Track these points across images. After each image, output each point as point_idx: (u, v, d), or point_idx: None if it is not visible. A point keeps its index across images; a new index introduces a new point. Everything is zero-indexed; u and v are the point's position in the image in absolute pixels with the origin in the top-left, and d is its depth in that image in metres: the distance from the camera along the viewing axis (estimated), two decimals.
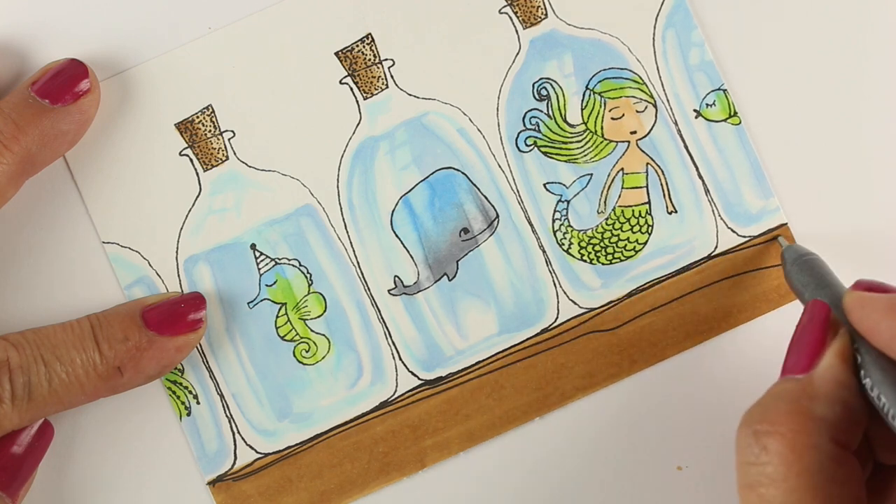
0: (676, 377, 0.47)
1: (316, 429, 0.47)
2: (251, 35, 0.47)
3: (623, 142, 0.48)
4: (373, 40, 0.47)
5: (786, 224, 0.48)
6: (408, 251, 0.47)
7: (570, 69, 0.48)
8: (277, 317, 0.47)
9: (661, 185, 0.48)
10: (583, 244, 0.48)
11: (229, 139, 0.47)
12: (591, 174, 0.48)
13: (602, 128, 0.48)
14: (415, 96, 0.48)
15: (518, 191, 0.48)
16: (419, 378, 0.47)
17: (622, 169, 0.48)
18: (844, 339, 0.39)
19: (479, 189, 0.48)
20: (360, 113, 0.48)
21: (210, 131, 0.47)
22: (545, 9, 0.48)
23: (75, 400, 0.44)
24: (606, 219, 0.48)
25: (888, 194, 0.48)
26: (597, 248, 0.48)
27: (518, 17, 0.48)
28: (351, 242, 0.47)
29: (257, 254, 0.47)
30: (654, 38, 0.48)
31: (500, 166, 0.48)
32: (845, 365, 0.38)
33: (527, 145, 0.48)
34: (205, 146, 0.47)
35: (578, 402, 0.47)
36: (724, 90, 0.48)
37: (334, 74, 0.47)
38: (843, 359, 0.38)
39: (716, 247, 0.48)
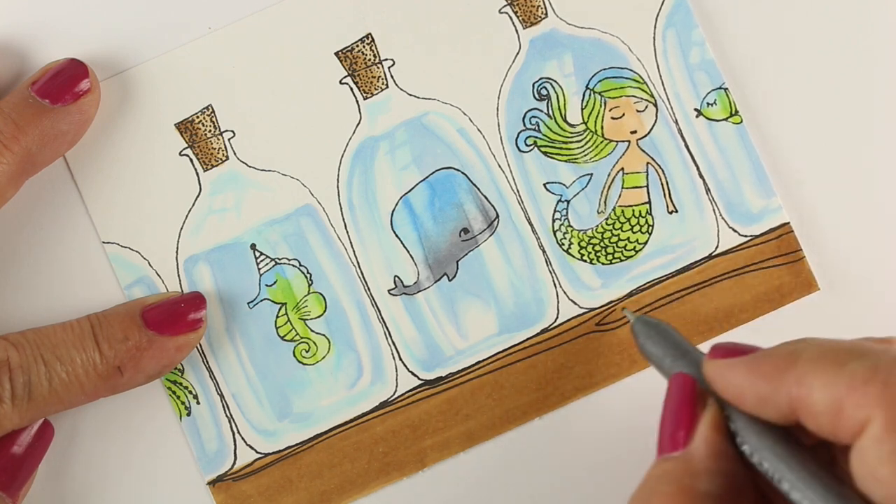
0: None
1: (316, 429, 0.47)
2: (251, 35, 0.47)
3: (623, 141, 0.48)
4: (373, 40, 0.47)
5: (787, 223, 0.48)
6: (408, 251, 0.47)
7: (570, 69, 0.48)
8: (277, 317, 0.47)
9: (662, 184, 0.48)
10: (583, 244, 0.48)
11: (229, 139, 0.47)
12: (591, 174, 0.48)
13: (602, 127, 0.48)
14: (415, 96, 0.48)
15: (518, 191, 0.48)
16: (419, 378, 0.47)
17: (622, 169, 0.48)
18: (714, 409, 0.38)
19: (479, 189, 0.48)
20: (360, 113, 0.48)
21: (210, 131, 0.47)
22: (545, 8, 0.48)
23: (75, 400, 0.44)
24: (606, 219, 0.48)
25: (890, 193, 0.48)
26: (597, 248, 0.47)
27: (518, 17, 0.48)
28: (351, 242, 0.47)
29: (257, 254, 0.47)
30: (654, 38, 0.48)
31: (500, 166, 0.48)
32: (720, 435, 0.37)
33: (527, 145, 0.48)
34: (205, 146, 0.47)
35: (578, 402, 0.47)
36: (725, 89, 0.48)
37: (334, 74, 0.47)
38: (717, 429, 0.37)
39: (717, 247, 0.48)
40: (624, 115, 0.48)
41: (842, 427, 0.34)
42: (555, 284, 0.47)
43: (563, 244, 0.47)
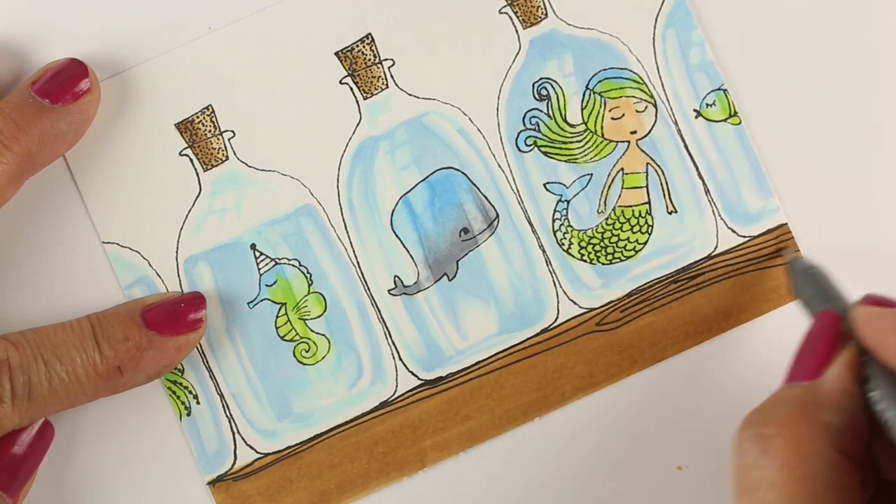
0: (676, 377, 0.47)
1: (316, 429, 0.47)
2: (251, 35, 0.47)
3: (623, 142, 0.48)
4: (373, 40, 0.47)
5: (786, 224, 0.48)
6: (408, 251, 0.47)
7: (570, 69, 0.48)
8: (277, 317, 0.47)
9: (661, 185, 0.48)
10: (583, 244, 0.48)
11: (229, 139, 0.47)
12: (591, 174, 0.48)
13: (602, 128, 0.48)
14: (415, 96, 0.48)
15: (518, 191, 0.48)
16: (419, 378, 0.47)
17: (622, 169, 0.48)
18: (853, 351, 0.39)
19: (479, 189, 0.48)
20: (360, 113, 0.48)
21: (210, 131, 0.47)
22: (545, 9, 0.48)
23: (75, 400, 0.44)
24: (606, 219, 0.48)
25: (888, 194, 0.48)
26: (597, 248, 0.48)
27: (518, 17, 0.48)
28: (351, 242, 0.47)
29: (257, 254, 0.47)
30: (654, 38, 0.48)
31: (500, 166, 0.48)
32: (852, 375, 0.38)
33: (527, 145, 0.48)
34: (205, 146, 0.47)
35: (578, 402, 0.47)
36: (724, 90, 0.48)
37: (334, 74, 0.47)
38: (851, 369, 0.38)
39: (716, 247, 0.48)
40: (624, 115, 0.48)
41: None
42: (555, 284, 0.48)
43: (563, 244, 0.48)
